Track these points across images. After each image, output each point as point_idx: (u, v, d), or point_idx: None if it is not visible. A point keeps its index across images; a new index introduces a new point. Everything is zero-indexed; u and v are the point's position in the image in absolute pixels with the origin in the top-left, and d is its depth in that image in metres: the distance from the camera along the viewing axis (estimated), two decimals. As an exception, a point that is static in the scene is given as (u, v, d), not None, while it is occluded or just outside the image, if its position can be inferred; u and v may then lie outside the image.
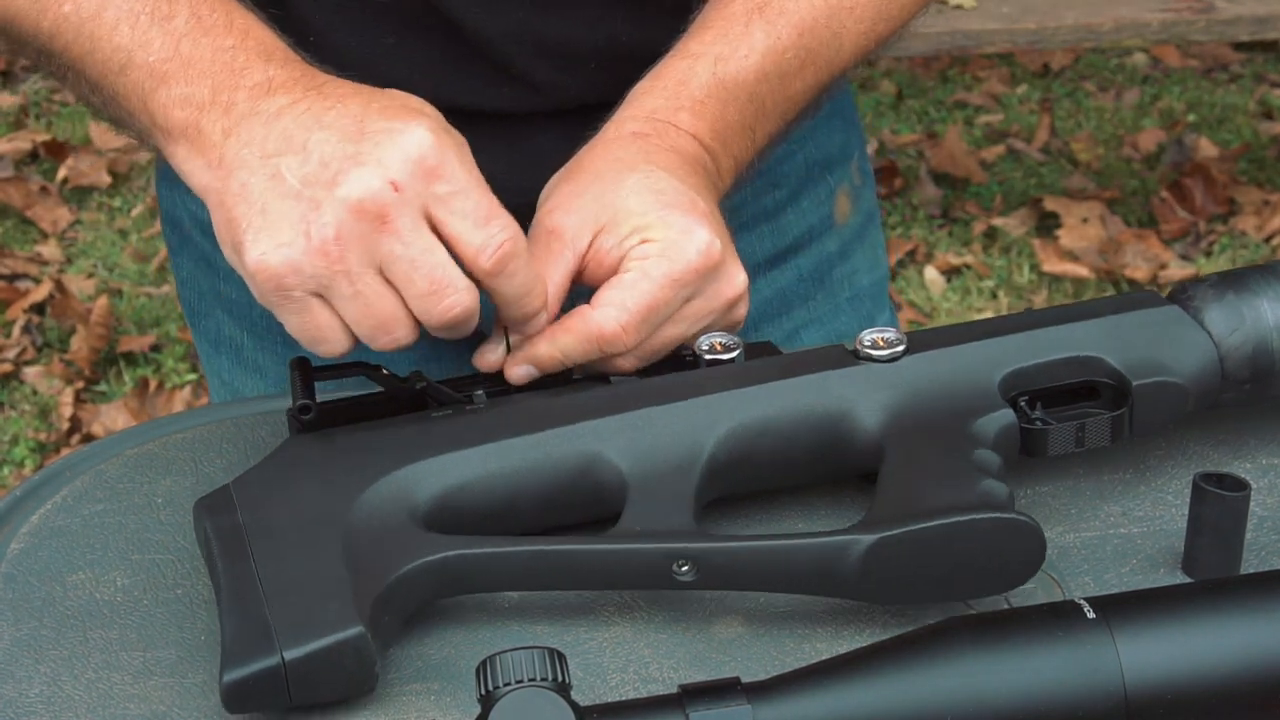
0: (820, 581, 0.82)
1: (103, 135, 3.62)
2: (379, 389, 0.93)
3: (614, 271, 0.93)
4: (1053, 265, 3.30)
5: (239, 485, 0.87)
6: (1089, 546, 0.89)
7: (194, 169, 0.90)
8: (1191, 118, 3.78)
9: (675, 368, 0.94)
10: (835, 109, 1.26)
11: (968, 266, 3.32)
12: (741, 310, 0.96)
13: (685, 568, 0.82)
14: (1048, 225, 3.43)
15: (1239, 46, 3.99)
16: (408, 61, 1.10)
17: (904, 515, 0.82)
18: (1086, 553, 0.89)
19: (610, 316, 0.91)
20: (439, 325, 0.87)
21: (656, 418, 0.88)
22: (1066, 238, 3.36)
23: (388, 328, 0.86)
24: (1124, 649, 0.73)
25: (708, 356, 0.93)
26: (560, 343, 0.92)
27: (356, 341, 0.88)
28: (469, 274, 0.88)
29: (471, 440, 0.88)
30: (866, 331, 0.92)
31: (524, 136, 1.14)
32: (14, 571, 0.91)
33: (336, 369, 0.92)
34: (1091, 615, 0.74)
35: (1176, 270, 3.28)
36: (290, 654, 0.77)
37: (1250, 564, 0.88)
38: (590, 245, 0.93)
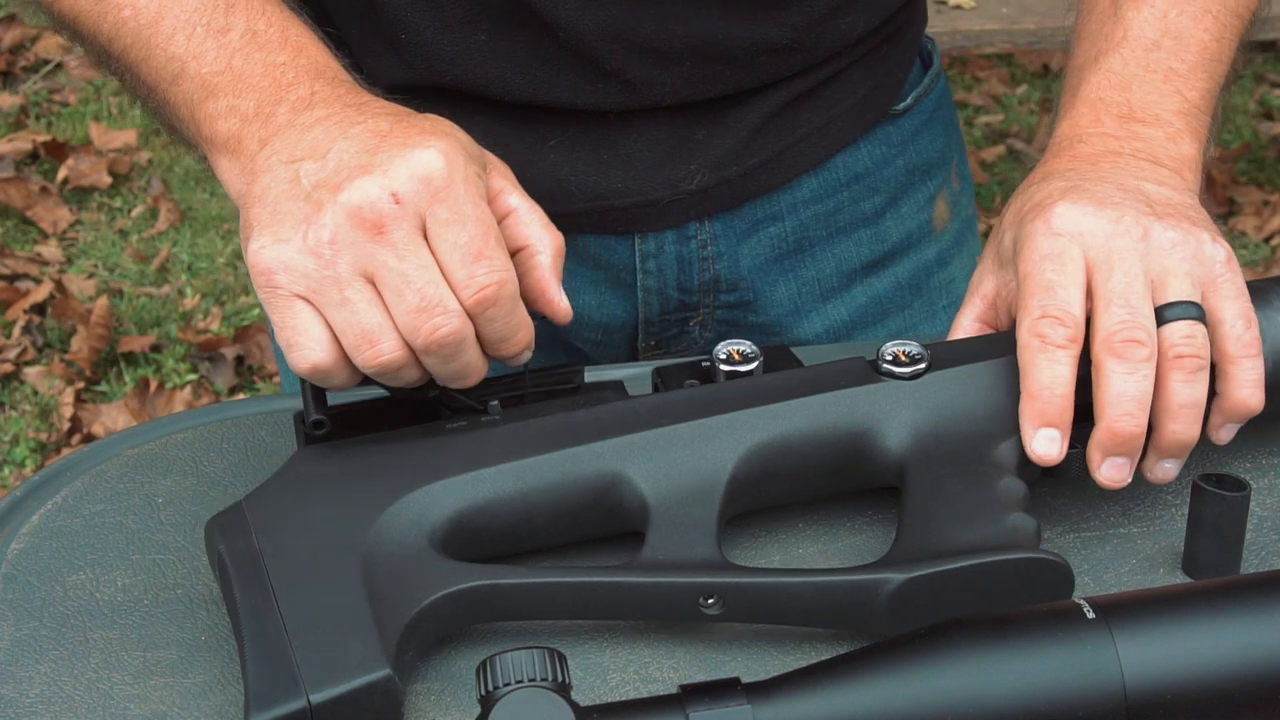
0: (848, 618, 0.82)
1: (103, 135, 3.62)
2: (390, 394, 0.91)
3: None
4: (1053, 265, 3.30)
5: (252, 504, 0.85)
6: (1089, 546, 0.89)
7: (231, 179, 0.90)
8: (1192, 118, 3.77)
9: (692, 376, 0.92)
10: (937, 114, 1.25)
11: (968, 266, 3.32)
12: (1167, 236, 0.90)
13: (712, 601, 0.81)
14: (1048, 225, 3.43)
15: (1239, 47, 3.99)
16: (499, 59, 1.09)
17: (932, 553, 0.81)
18: (1086, 553, 0.89)
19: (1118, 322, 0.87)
20: (425, 346, 0.84)
21: (677, 436, 0.87)
22: (1067, 238, 3.36)
23: (372, 339, 0.84)
24: (1124, 649, 0.73)
25: (725, 367, 0.91)
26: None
27: (340, 359, 0.85)
28: None
29: (488, 459, 0.86)
30: (888, 344, 0.90)
31: (615, 138, 1.12)
32: (14, 571, 0.91)
33: None
34: (1091, 615, 0.74)
35: (1177, 270, 3.28)
36: (317, 697, 0.76)
37: (1250, 564, 0.88)
38: (1090, 272, 0.90)
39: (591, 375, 0.96)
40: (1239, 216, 3.43)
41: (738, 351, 0.92)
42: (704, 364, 0.92)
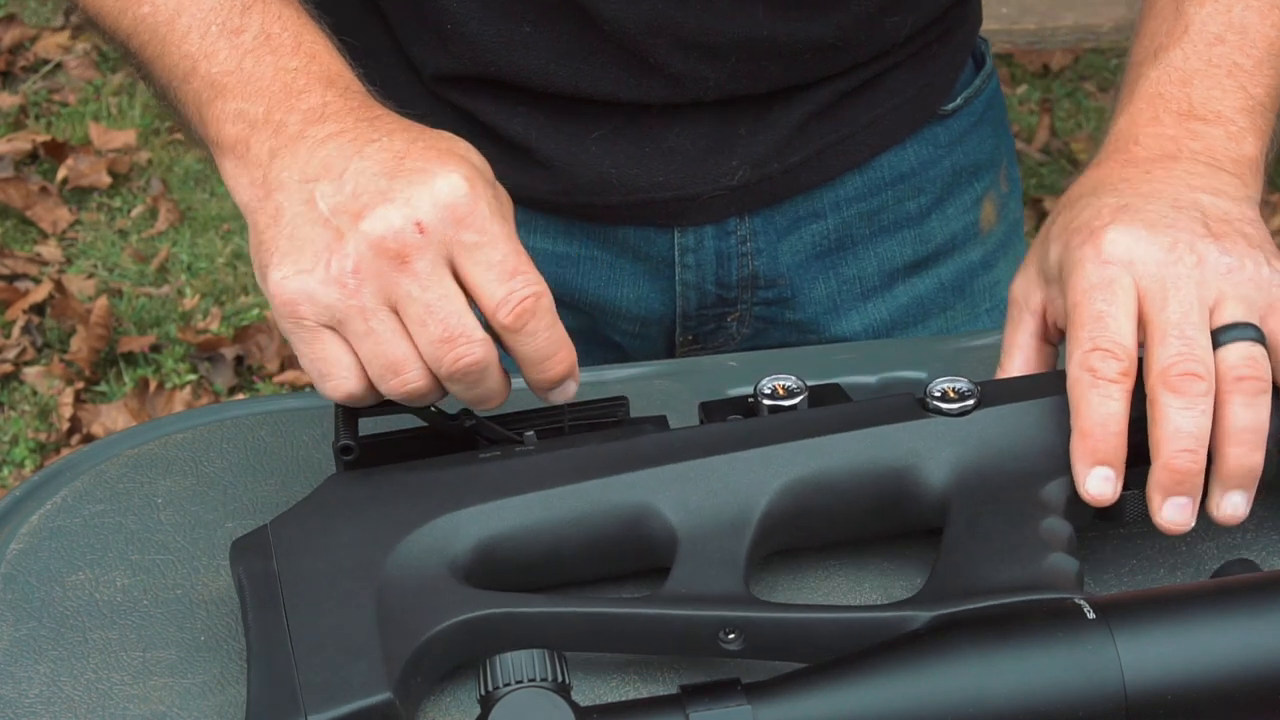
0: None
1: (103, 135, 3.62)
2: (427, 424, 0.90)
3: None
4: (1053, 265, 3.30)
5: (277, 527, 0.85)
6: (1089, 546, 0.89)
7: (239, 185, 0.89)
8: (1191, 118, 3.78)
9: (735, 412, 0.90)
10: (987, 115, 1.24)
11: (968, 267, 3.31)
12: (1222, 261, 0.86)
13: (733, 636, 0.79)
14: (1048, 225, 3.43)
15: (1239, 47, 3.99)
16: (544, 51, 1.09)
17: (963, 591, 0.79)
18: (1087, 553, 0.89)
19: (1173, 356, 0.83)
20: (449, 375, 0.84)
21: (711, 469, 0.85)
22: (1066, 238, 3.36)
23: (397, 369, 0.84)
24: (1124, 649, 0.73)
25: (768, 402, 0.89)
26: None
27: (368, 385, 0.85)
28: (491, 329, 0.85)
29: (516, 487, 0.85)
30: (936, 381, 0.88)
31: (657, 131, 1.12)
32: (14, 572, 0.90)
33: (382, 406, 0.89)
34: (1091, 615, 0.74)
35: (1176, 270, 3.28)
36: (316, 718, 0.75)
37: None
38: (1139, 295, 0.86)
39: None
40: (1239, 216, 3.43)
41: (782, 386, 0.90)
42: (749, 399, 0.91)
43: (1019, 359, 0.92)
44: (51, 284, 3.21)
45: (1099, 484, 0.82)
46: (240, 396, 2.94)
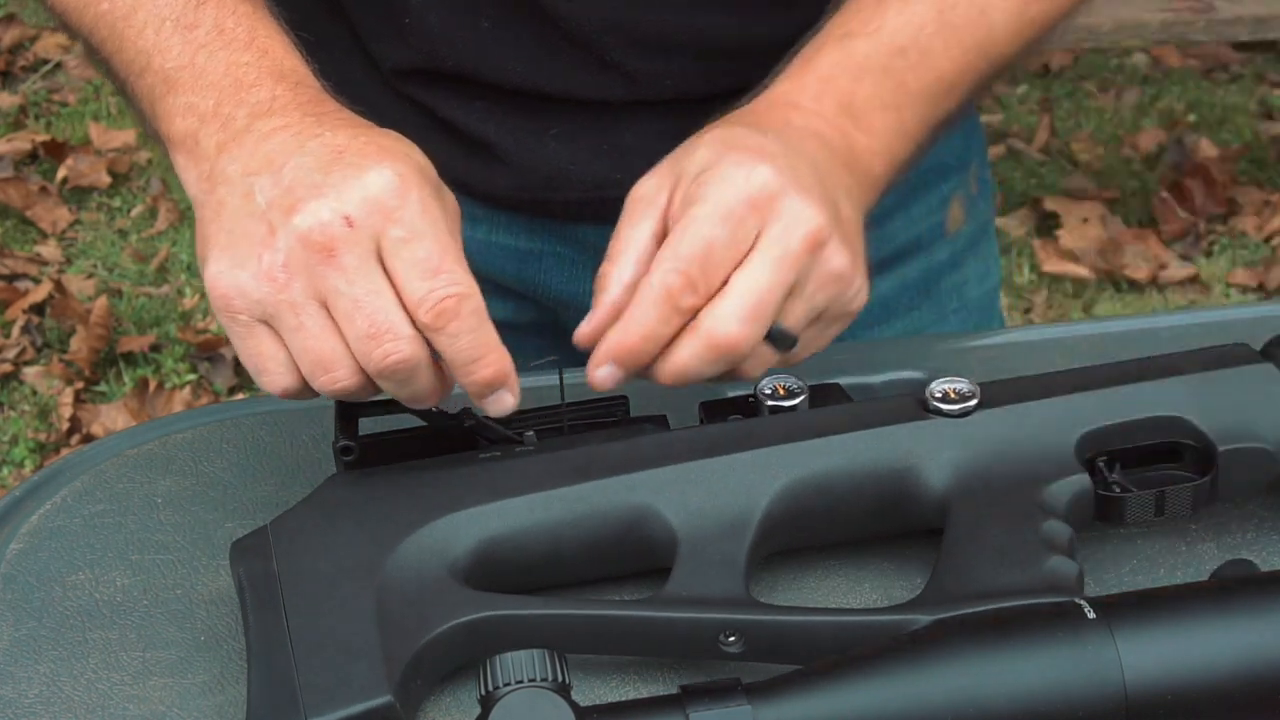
0: None
1: (102, 135, 3.62)
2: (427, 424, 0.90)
3: None
4: (1053, 265, 3.30)
5: (277, 527, 0.85)
6: (1089, 546, 0.89)
7: (188, 179, 0.89)
8: (1191, 118, 3.78)
9: (736, 412, 0.90)
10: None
11: (968, 266, 3.31)
12: (837, 260, 0.87)
13: (733, 639, 0.79)
14: (1048, 225, 3.43)
15: (1239, 46, 3.99)
16: (502, 47, 1.09)
17: (964, 594, 0.79)
18: (1087, 553, 0.89)
19: (668, 270, 0.85)
20: (377, 371, 0.83)
21: (711, 470, 0.85)
22: (1066, 238, 3.36)
23: (326, 365, 0.83)
24: (1124, 649, 0.73)
25: (769, 402, 0.89)
26: (636, 320, 0.85)
27: (303, 380, 0.84)
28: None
29: (515, 489, 0.85)
30: (937, 382, 0.88)
31: (615, 128, 1.12)
32: (13, 572, 0.90)
33: (382, 405, 0.89)
34: (1092, 615, 0.74)
35: (1176, 270, 3.28)
36: None
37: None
38: (668, 204, 0.88)
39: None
40: (1239, 216, 3.43)
41: (782, 386, 0.90)
42: (749, 399, 0.90)
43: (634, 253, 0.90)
44: (51, 284, 3.21)
45: (606, 375, 0.86)
46: (240, 396, 2.94)
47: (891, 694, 0.72)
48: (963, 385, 0.87)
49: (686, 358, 0.86)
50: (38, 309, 3.17)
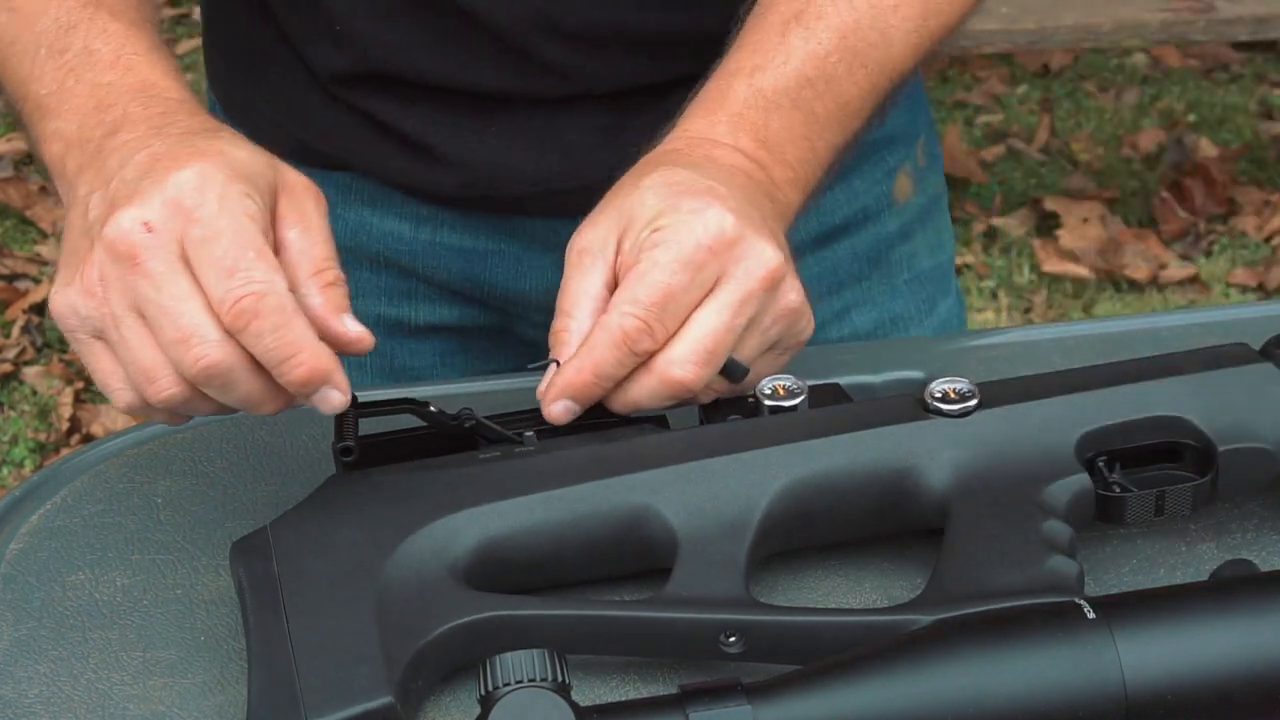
0: None
1: (102, 135, 3.63)
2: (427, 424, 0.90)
3: None
4: (1053, 265, 3.30)
5: (277, 528, 0.85)
6: (1089, 546, 0.89)
7: (63, 203, 0.89)
8: (1191, 118, 3.78)
9: (736, 412, 0.90)
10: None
11: (968, 266, 3.32)
12: (791, 296, 0.89)
13: (734, 639, 0.79)
14: (1048, 225, 3.43)
15: (1239, 46, 3.99)
16: (432, 48, 1.09)
17: (964, 595, 0.79)
18: (1086, 553, 0.89)
19: (626, 314, 0.86)
20: (193, 378, 0.80)
21: (711, 471, 0.85)
22: (1066, 238, 3.36)
23: (150, 376, 0.81)
24: (1124, 649, 0.73)
25: (769, 402, 0.89)
26: (591, 360, 0.86)
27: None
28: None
29: (516, 489, 0.84)
30: (937, 382, 0.88)
31: (554, 123, 1.12)
32: (13, 572, 0.90)
33: (382, 405, 0.89)
34: (1091, 615, 0.74)
35: (1176, 270, 3.28)
36: None
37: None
38: (617, 253, 0.90)
39: None
40: (1239, 216, 3.44)
41: (782, 387, 0.90)
42: (749, 399, 0.90)
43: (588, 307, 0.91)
44: (51, 284, 3.21)
45: (563, 411, 0.88)
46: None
47: (891, 694, 0.72)
48: (962, 385, 0.87)
49: (639, 394, 0.87)
50: (38, 309, 3.17)
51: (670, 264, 0.86)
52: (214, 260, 0.80)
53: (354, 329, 0.84)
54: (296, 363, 0.80)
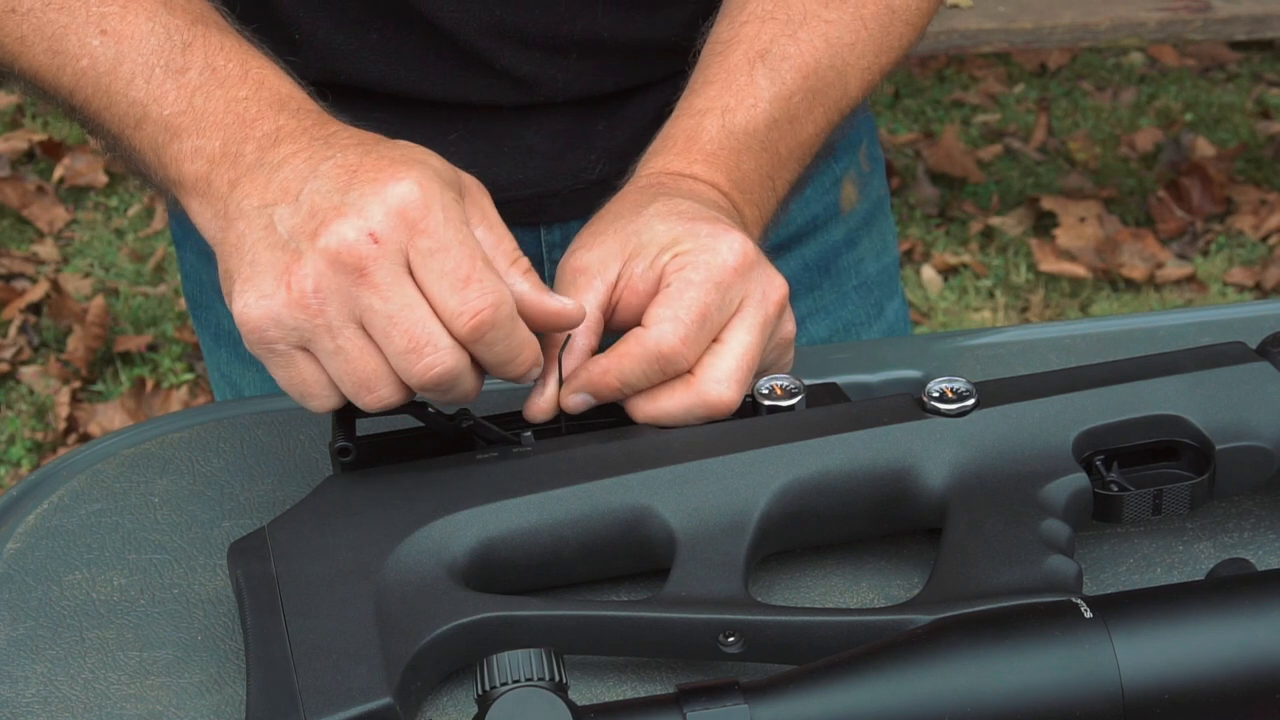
0: None
1: (99, 135, 3.62)
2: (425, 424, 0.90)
3: (650, 297, 0.90)
4: (1050, 264, 3.30)
5: (274, 529, 0.85)
6: (1086, 546, 0.89)
7: (204, 221, 0.89)
8: (1188, 117, 3.79)
9: (734, 412, 0.90)
10: None
11: (965, 266, 3.32)
12: (790, 325, 0.93)
13: (732, 639, 0.79)
14: (1045, 225, 3.43)
15: (1236, 46, 4.00)
16: (392, 57, 1.10)
17: (963, 594, 0.79)
18: (1084, 551, 0.89)
19: (667, 331, 0.87)
20: (420, 385, 0.83)
21: (710, 471, 0.85)
22: (1064, 237, 3.37)
23: (370, 385, 0.83)
24: (1121, 648, 0.73)
25: (767, 402, 0.89)
26: (619, 368, 0.88)
27: (346, 399, 0.85)
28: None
29: (514, 490, 0.85)
30: (935, 381, 0.88)
31: (515, 130, 1.13)
32: (10, 571, 0.90)
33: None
34: (1089, 615, 0.74)
35: (1173, 270, 3.28)
36: None
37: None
38: (620, 275, 0.91)
39: None
40: (1236, 216, 3.44)
41: (780, 387, 0.90)
42: (747, 399, 0.90)
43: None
44: (48, 283, 3.21)
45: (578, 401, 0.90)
46: (237, 396, 2.94)
47: (889, 693, 0.72)
48: (960, 384, 0.87)
49: (674, 408, 0.89)
50: (34, 308, 3.17)
51: (704, 283, 0.88)
52: (446, 271, 0.82)
53: (567, 302, 0.88)
54: (521, 360, 0.86)
